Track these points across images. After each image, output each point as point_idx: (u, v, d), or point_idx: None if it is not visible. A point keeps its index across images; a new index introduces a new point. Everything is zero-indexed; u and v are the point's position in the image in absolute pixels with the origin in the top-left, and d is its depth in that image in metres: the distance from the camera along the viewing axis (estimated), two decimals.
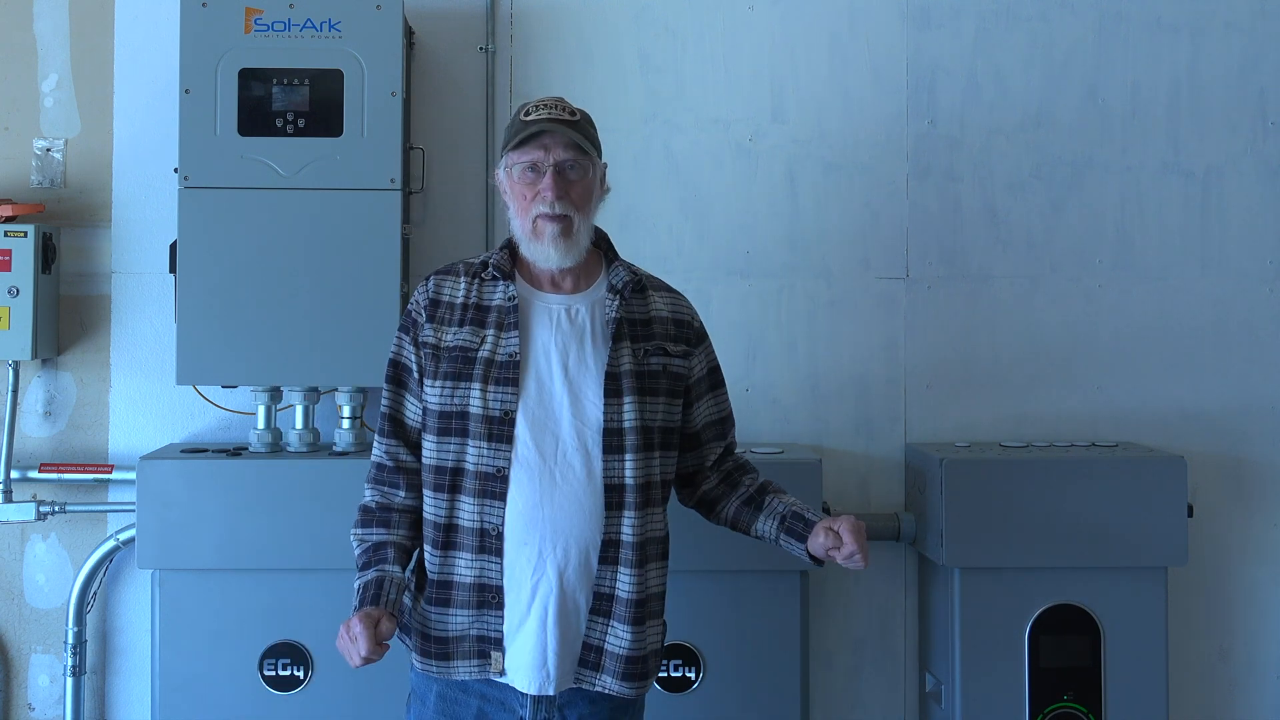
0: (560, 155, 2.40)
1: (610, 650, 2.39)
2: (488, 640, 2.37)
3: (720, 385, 2.62)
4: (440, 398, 2.40)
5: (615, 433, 2.38)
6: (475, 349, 2.40)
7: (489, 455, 2.36)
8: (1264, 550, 3.77)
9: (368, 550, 2.42)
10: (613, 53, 3.74)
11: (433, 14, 3.69)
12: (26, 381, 3.66)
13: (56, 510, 3.58)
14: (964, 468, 3.39)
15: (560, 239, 2.39)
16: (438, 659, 2.40)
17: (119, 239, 3.67)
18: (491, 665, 2.36)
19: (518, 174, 2.42)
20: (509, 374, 2.37)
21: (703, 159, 3.74)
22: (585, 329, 2.43)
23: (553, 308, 2.44)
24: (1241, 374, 3.77)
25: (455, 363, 2.40)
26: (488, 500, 2.36)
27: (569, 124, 2.42)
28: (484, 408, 2.36)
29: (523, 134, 2.40)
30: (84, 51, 3.70)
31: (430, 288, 2.48)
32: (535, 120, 2.40)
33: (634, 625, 2.39)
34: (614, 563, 2.38)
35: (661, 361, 2.47)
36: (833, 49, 3.75)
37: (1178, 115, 3.78)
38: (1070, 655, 3.39)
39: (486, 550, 2.36)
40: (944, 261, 3.75)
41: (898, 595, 3.74)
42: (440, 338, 2.43)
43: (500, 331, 2.40)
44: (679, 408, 2.51)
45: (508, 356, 2.38)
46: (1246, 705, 3.77)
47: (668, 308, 2.54)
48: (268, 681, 3.31)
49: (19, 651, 3.69)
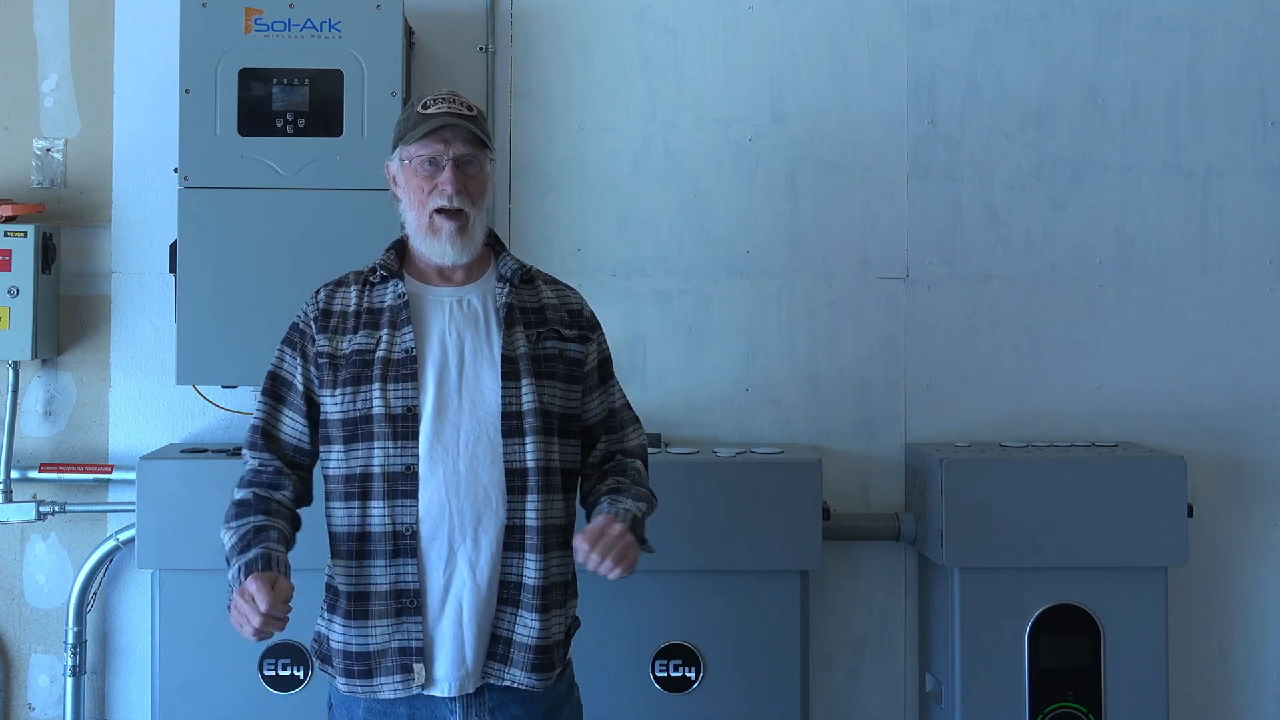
0: (460, 149, 2.40)
1: (519, 641, 2.35)
2: (409, 652, 2.33)
3: (611, 377, 2.56)
4: (342, 405, 2.37)
5: (514, 416, 2.36)
6: (372, 350, 2.38)
7: (395, 454, 2.34)
8: (1264, 550, 3.77)
9: (246, 534, 2.32)
10: (613, 53, 3.74)
11: (433, 14, 3.69)
12: (26, 381, 3.66)
13: (56, 510, 3.58)
14: (964, 468, 3.39)
15: (457, 235, 2.40)
16: (361, 677, 2.35)
17: (119, 239, 3.67)
18: (415, 679, 2.32)
19: (415, 166, 2.41)
20: (407, 369, 2.36)
21: (703, 159, 3.74)
22: (479, 316, 2.43)
23: (444, 299, 2.44)
24: (1241, 374, 3.77)
25: (354, 367, 2.38)
26: (399, 500, 2.33)
27: (468, 118, 2.42)
28: (386, 407, 2.34)
29: (423, 127, 2.39)
30: (84, 51, 3.70)
31: (321, 299, 2.46)
32: (435, 114, 2.40)
33: (540, 613, 2.35)
34: (519, 549, 2.35)
35: (556, 346, 2.45)
36: (833, 49, 3.75)
37: (1178, 115, 3.78)
38: (1070, 655, 3.39)
39: (401, 553, 2.33)
40: (944, 261, 3.75)
41: (898, 595, 3.74)
42: (336, 346, 2.40)
43: (394, 330, 2.39)
44: (578, 394, 2.48)
45: (404, 353, 2.37)
46: (1246, 705, 3.77)
47: (556, 297, 2.52)
48: (268, 681, 3.31)
49: (19, 651, 3.69)
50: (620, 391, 2.58)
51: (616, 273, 3.68)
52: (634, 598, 3.23)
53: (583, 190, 3.73)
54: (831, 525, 3.51)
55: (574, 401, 2.47)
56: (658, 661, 3.34)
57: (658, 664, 3.34)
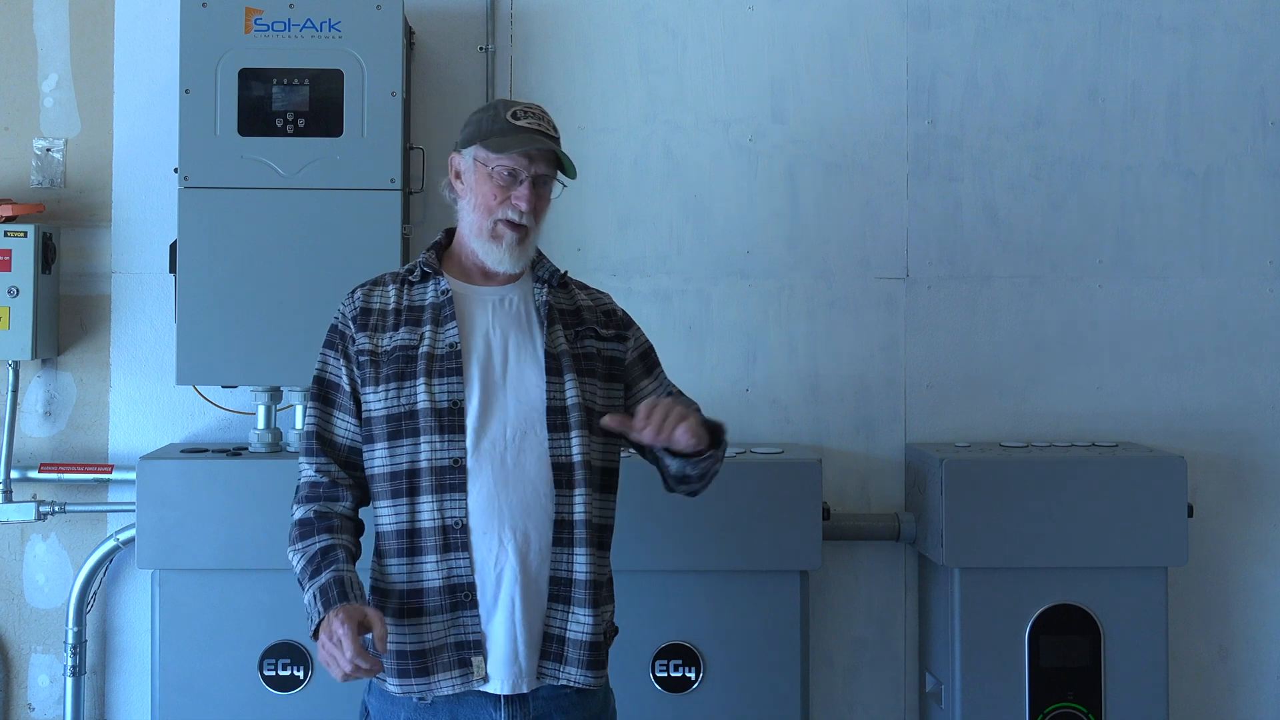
0: (541, 169, 2.42)
1: (572, 638, 2.35)
2: (466, 645, 2.32)
3: (657, 366, 2.58)
4: (386, 401, 2.37)
5: (559, 410, 2.38)
6: (415, 346, 2.39)
7: (443, 448, 2.34)
8: (1264, 550, 3.77)
9: (314, 556, 2.32)
10: (613, 53, 3.74)
11: (433, 14, 3.69)
12: (26, 381, 3.66)
13: (56, 510, 3.58)
14: (964, 468, 3.39)
15: (516, 246, 2.42)
16: (418, 675, 2.32)
17: (119, 239, 3.67)
18: (474, 672, 2.31)
19: (493, 172, 2.41)
20: (452, 364, 2.36)
21: (703, 159, 3.74)
22: (520, 314, 2.44)
23: (487, 297, 2.45)
24: (1241, 374, 3.77)
25: (397, 364, 2.38)
26: (447, 494, 2.33)
27: (554, 140, 2.45)
28: (431, 401, 2.34)
29: (515, 140, 2.39)
30: (84, 51, 3.70)
31: (358, 298, 2.47)
32: (528, 129, 2.41)
33: (592, 608, 2.36)
34: (569, 544, 2.35)
35: (595, 345, 2.47)
36: (833, 49, 3.75)
37: (1178, 115, 3.78)
38: (1070, 655, 3.38)
39: (451, 547, 2.32)
40: (944, 261, 3.75)
41: (898, 595, 3.74)
42: (377, 344, 2.41)
43: (437, 326, 2.40)
44: (619, 392, 2.50)
45: (448, 347, 2.37)
46: (1246, 705, 3.77)
47: (590, 299, 2.56)
48: (268, 681, 3.31)
49: (19, 651, 3.69)
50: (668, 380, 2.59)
51: (616, 273, 3.68)
52: (634, 598, 3.22)
53: (583, 190, 3.71)
54: (831, 525, 3.51)
55: (615, 400, 2.49)
56: (658, 661, 3.34)
57: (658, 664, 3.34)
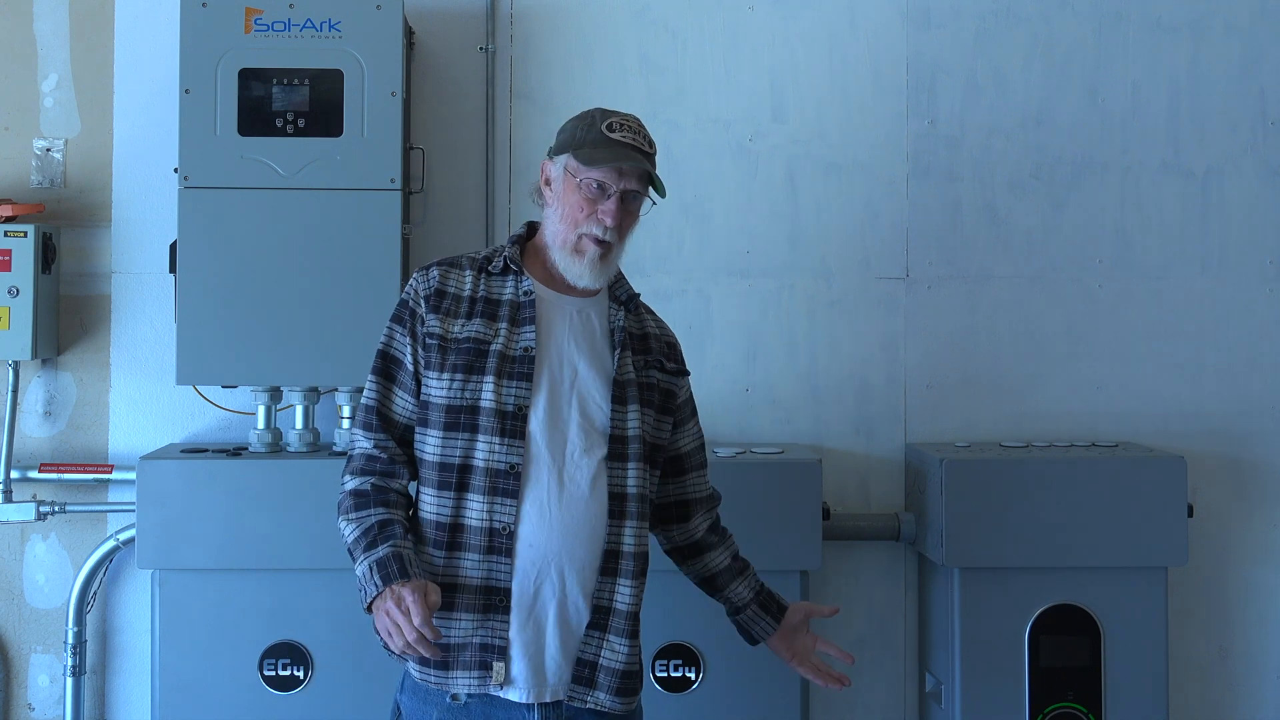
0: (632, 185, 2.38)
1: (605, 665, 2.35)
2: (490, 649, 2.30)
3: (696, 414, 2.63)
4: (449, 391, 2.33)
5: (620, 440, 2.36)
6: (489, 341, 2.34)
7: (501, 451, 2.30)
8: (1264, 550, 3.77)
9: (371, 529, 2.28)
10: (613, 53, 3.74)
11: (433, 14, 3.69)
12: (26, 381, 3.66)
13: (56, 510, 3.58)
14: (964, 468, 3.39)
15: (598, 262, 2.38)
16: (436, 668, 2.31)
17: (119, 239, 3.67)
18: (493, 677, 2.29)
19: (582, 182, 2.36)
20: (524, 369, 2.33)
21: (703, 159, 3.74)
22: (595, 333, 2.41)
23: (567, 307, 2.41)
24: (1241, 374, 3.77)
25: (467, 355, 2.33)
26: (499, 498, 2.30)
27: (648, 156, 2.40)
28: (497, 402, 2.31)
29: (608, 153, 2.35)
30: (84, 51, 3.70)
31: (434, 277, 2.40)
32: (622, 142, 2.36)
33: (630, 639, 2.36)
34: (614, 574, 2.35)
35: (658, 376, 2.47)
36: (833, 49, 3.75)
37: (1178, 115, 3.78)
38: (1070, 655, 3.38)
39: (495, 550, 2.30)
40: (944, 261, 3.75)
41: (898, 595, 3.74)
42: (447, 329, 2.36)
43: (514, 326, 2.36)
44: (668, 426, 2.51)
45: (523, 351, 2.34)
46: (1246, 705, 3.77)
47: (658, 329, 2.55)
48: (268, 681, 3.31)
49: (19, 651, 3.69)
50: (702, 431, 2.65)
51: None
52: None
53: None
54: (831, 525, 3.51)
55: (664, 433, 2.49)
56: (658, 661, 3.34)
57: (658, 664, 3.34)
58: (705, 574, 2.64)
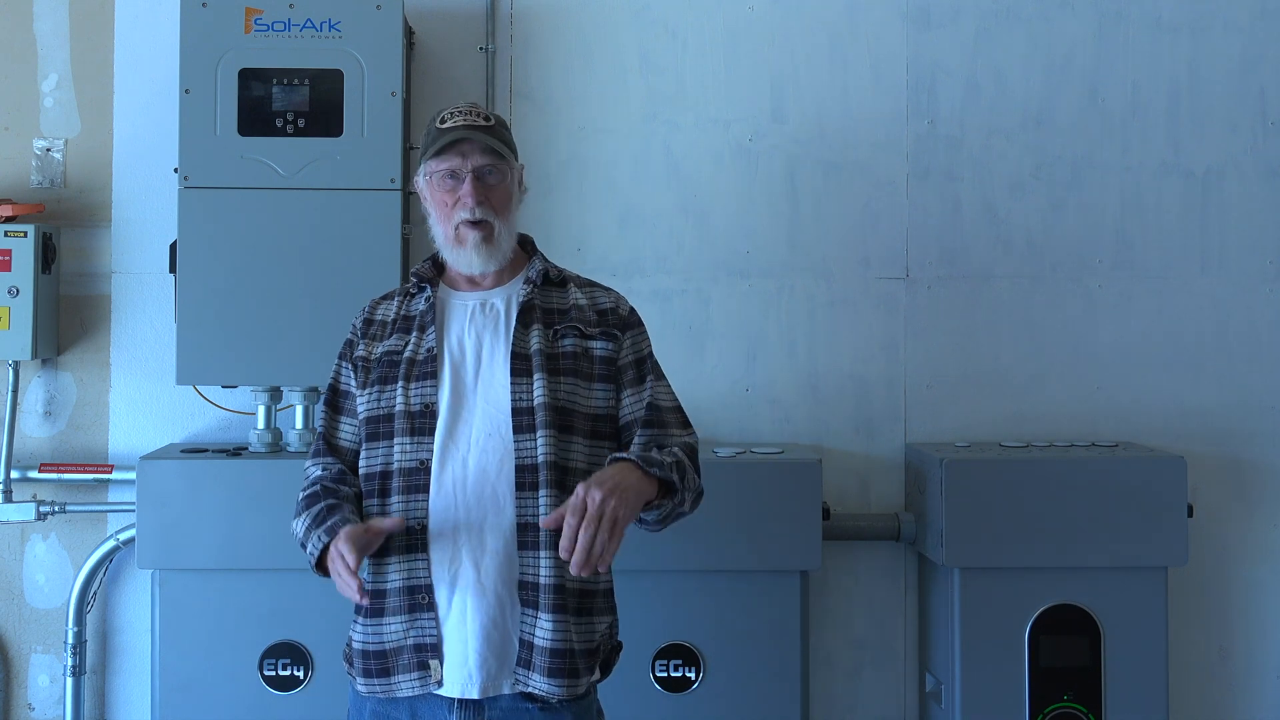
0: (478, 161, 2.42)
1: (537, 644, 2.31)
2: (425, 649, 2.31)
3: (648, 376, 2.48)
4: (368, 404, 2.43)
5: (525, 411, 2.36)
6: (400, 352, 2.43)
7: (411, 450, 2.36)
8: (1264, 550, 3.77)
9: (319, 514, 2.35)
10: (613, 53, 3.74)
11: (433, 14, 3.69)
12: (26, 381, 3.66)
13: (56, 510, 3.58)
14: (964, 468, 3.39)
15: (483, 245, 2.43)
16: (379, 676, 2.34)
17: (119, 239, 3.67)
18: (431, 675, 2.31)
19: (437, 181, 2.44)
20: (427, 369, 2.39)
21: (703, 159, 3.74)
22: (499, 317, 2.45)
23: (468, 303, 2.47)
24: (1241, 374, 3.77)
25: (383, 368, 2.43)
26: (412, 496, 2.34)
27: (485, 129, 2.44)
28: (406, 404, 2.38)
29: (440, 142, 2.42)
30: (84, 51, 3.70)
31: (366, 310, 2.55)
32: (452, 128, 2.43)
33: (555, 614, 2.30)
34: (534, 547, 2.32)
35: (576, 343, 2.43)
36: (833, 49, 3.75)
37: (1178, 115, 3.78)
38: (1070, 655, 3.38)
39: (413, 549, 2.33)
40: (944, 261, 3.75)
41: (898, 595, 3.74)
42: (371, 351, 2.47)
43: (421, 333, 2.44)
44: (606, 393, 2.44)
45: (426, 353, 2.41)
46: (1246, 705, 3.77)
47: (586, 298, 2.52)
48: (268, 681, 3.31)
49: (19, 651, 3.69)
50: (668, 392, 2.52)
51: (616, 273, 3.68)
52: (634, 598, 3.22)
53: (583, 190, 3.73)
54: (831, 525, 3.51)
55: (600, 401, 2.44)
56: (658, 661, 3.34)
57: (658, 664, 3.34)
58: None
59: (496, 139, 2.44)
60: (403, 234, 3.39)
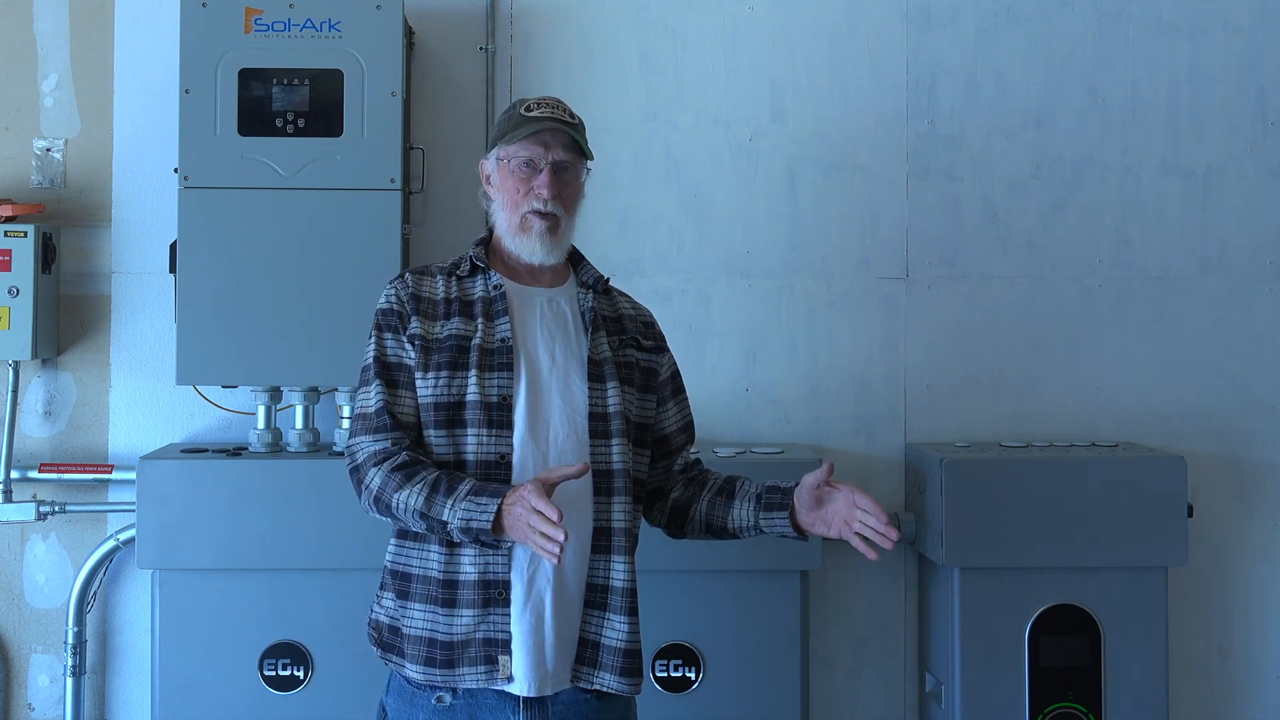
0: (559, 155, 2.43)
1: (608, 644, 2.35)
2: (495, 644, 2.30)
3: (682, 391, 2.61)
4: (436, 389, 2.35)
5: (601, 417, 2.37)
6: (469, 337, 2.37)
7: (490, 442, 2.33)
8: (1264, 550, 3.77)
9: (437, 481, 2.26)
10: (613, 53, 3.74)
11: (433, 14, 3.69)
12: (26, 381, 3.66)
13: (56, 510, 3.58)
14: (964, 468, 3.39)
15: (548, 235, 2.42)
16: (443, 666, 2.31)
17: (119, 239, 3.67)
18: (499, 670, 2.29)
19: (513, 167, 2.43)
20: (504, 359, 2.36)
21: (703, 159, 3.74)
22: (567, 318, 2.45)
23: (536, 297, 2.45)
24: (1241, 374, 3.77)
25: (451, 352, 2.36)
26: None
27: (570, 125, 2.45)
28: (481, 394, 2.33)
29: (526, 129, 2.41)
30: (84, 51, 3.70)
31: (409, 282, 2.43)
32: (540, 117, 2.42)
33: (629, 616, 2.35)
34: (606, 551, 2.35)
35: (635, 355, 2.48)
36: (833, 49, 3.75)
37: (1178, 115, 3.78)
38: (1070, 655, 3.38)
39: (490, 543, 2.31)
40: (944, 261, 3.75)
41: (898, 595, 3.74)
42: (429, 331, 2.38)
43: (489, 320, 2.39)
44: (652, 405, 2.52)
45: (500, 342, 2.37)
46: (1246, 705, 3.77)
47: (632, 309, 2.57)
48: (268, 681, 3.31)
49: (19, 651, 3.69)
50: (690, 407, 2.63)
51: (616, 273, 3.64)
52: None
53: None
54: None
55: (649, 412, 2.50)
56: (658, 661, 3.34)
57: (658, 664, 3.34)
58: (697, 525, 2.55)
59: (580, 137, 2.45)
60: (403, 234, 3.39)
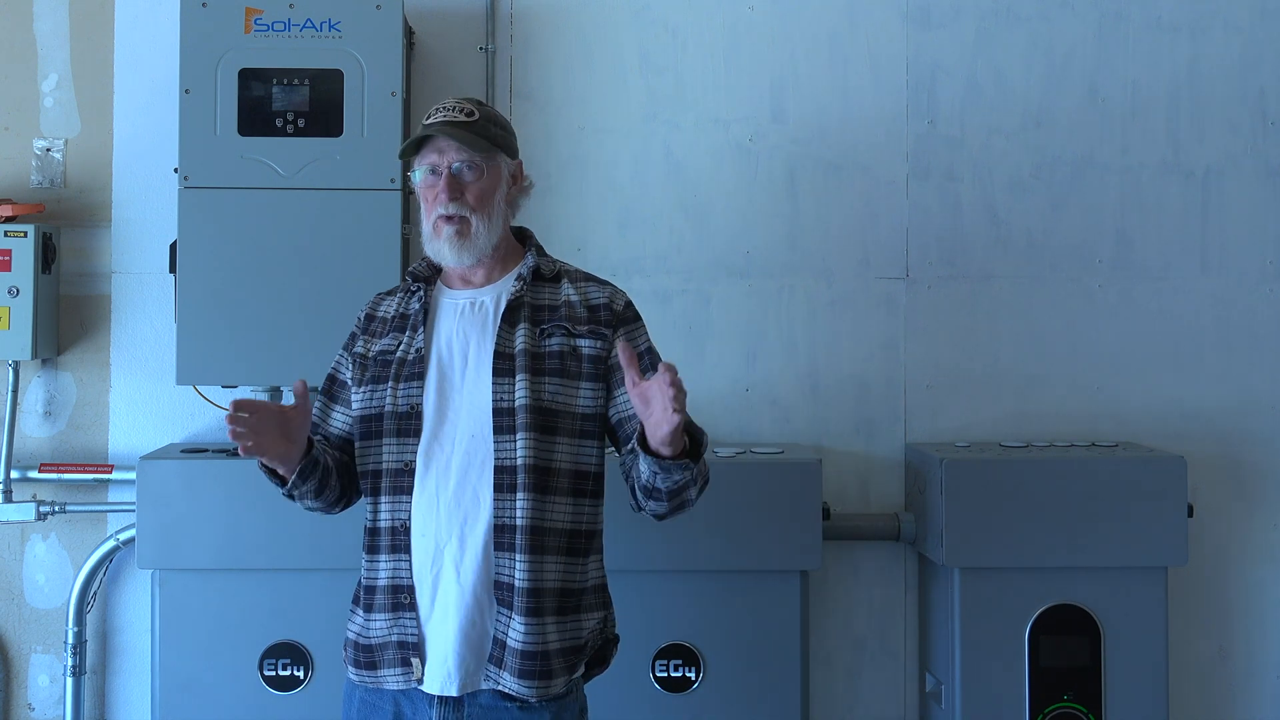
0: (454, 158, 2.43)
1: (511, 645, 2.32)
2: (407, 646, 2.35)
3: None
4: (361, 403, 2.46)
5: (506, 412, 2.36)
6: (393, 352, 2.46)
7: (397, 451, 2.39)
8: (1264, 550, 3.77)
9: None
10: (613, 53, 3.74)
11: (433, 14, 3.69)
12: (26, 381, 3.66)
13: (56, 510, 3.58)
14: (964, 468, 3.39)
15: (456, 238, 2.42)
16: (366, 668, 2.40)
17: (119, 239, 3.68)
18: (413, 673, 2.35)
19: (420, 177, 2.46)
20: (416, 369, 2.41)
21: (702, 159, 3.74)
22: (487, 316, 2.44)
23: (458, 302, 2.47)
24: (1241, 374, 3.77)
25: (376, 367, 2.46)
26: (398, 496, 2.38)
27: (463, 125, 2.42)
28: (394, 405, 2.40)
29: (419, 139, 2.45)
30: (84, 51, 3.70)
31: (370, 304, 2.58)
32: (429, 125, 2.44)
33: (528, 616, 2.31)
34: (509, 549, 2.33)
35: (563, 342, 2.41)
36: (833, 49, 3.75)
37: (1178, 115, 3.78)
38: (1070, 655, 3.39)
39: (398, 549, 2.37)
40: (944, 261, 3.75)
41: (898, 595, 3.74)
42: (368, 349, 2.50)
43: (413, 333, 2.45)
44: (594, 392, 2.42)
45: (416, 353, 2.42)
46: (1246, 705, 3.77)
47: (579, 294, 2.49)
48: (268, 681, 3.31)
49: (19, 651, 3.69)
50: None
51: (616, 273, 3.68)
52: (634, 598, 3.23)
53: (583, 190, 3.73)
54: (831, 525, 3.51)
55: (588, 400, 2.42)
56: (658, 661, 3.34)
57: (658, 664, 3.34)
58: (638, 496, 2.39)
59: (478, 134, 2.43)
60: (403, 234, 3.39)
